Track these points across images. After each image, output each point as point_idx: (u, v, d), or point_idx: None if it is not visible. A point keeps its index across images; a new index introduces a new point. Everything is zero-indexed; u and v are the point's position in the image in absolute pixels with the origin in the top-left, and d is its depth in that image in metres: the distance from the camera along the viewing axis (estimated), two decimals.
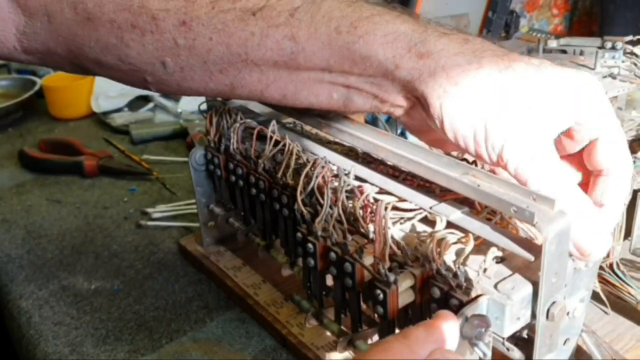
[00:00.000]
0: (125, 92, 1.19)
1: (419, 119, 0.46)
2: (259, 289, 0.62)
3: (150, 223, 0.79)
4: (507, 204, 0.39)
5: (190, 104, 1.16)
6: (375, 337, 0.49)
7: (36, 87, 1.23)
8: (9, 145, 1.09)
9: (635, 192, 0.54)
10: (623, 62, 0.83)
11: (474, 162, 0.46)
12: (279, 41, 0.44)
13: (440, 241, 0.41)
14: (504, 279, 0.40)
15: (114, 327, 0.62)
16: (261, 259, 0.65)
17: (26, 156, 1.00)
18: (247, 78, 0.47)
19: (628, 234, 0.54)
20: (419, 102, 0.44)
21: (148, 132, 1.06)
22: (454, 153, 0.50)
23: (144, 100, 1.22)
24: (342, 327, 0.52)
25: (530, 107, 0.40)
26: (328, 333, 0.55)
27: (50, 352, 0.59)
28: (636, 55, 0.83)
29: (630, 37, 0.85)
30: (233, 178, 0.61)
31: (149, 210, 0.82)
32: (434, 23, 0.45)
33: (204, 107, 0.64)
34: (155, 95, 1.21)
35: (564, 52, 0.90)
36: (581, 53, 0.88)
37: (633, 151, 0.59)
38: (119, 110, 1.18)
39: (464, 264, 0.40)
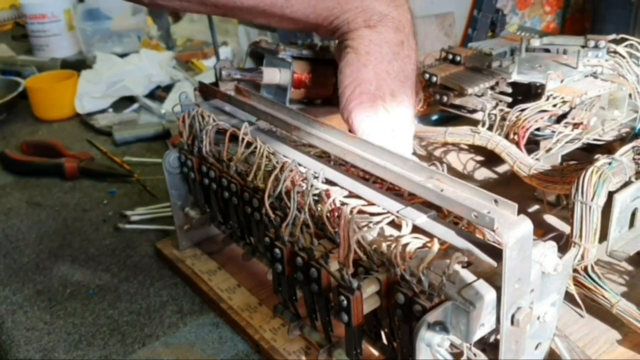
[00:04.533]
0: (110, 93, 1.18)
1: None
2: (234, 293, 0.61)
3: (128, 226, 0.78)
4: (469, 209, 0.38)
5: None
6: None
7: (20, 88, 1.22)
8: None
9: (610, 194, 0.53)
10: (607, 60, 0.82)
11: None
12: (275, 1, 0.55)
13: (405, 246, 0.40)
14: (468, 284, 0.39)
15: (87, 332, 0.61)
16: (237, 262, 0.64)
17: (7, 158, 0.98)
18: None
19: (603, 237, 0.54)
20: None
21: (130, 134, 1.05)
22: None
23: (128, 100, 1.21)
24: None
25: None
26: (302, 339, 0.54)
27: (21, 359, 0.58)
28: (620, 55, 0.82)
29: (613, 36, 0.84)
30: (206, 181, 0.60)
31: (128, 212, 0.81)
32: None
33: (177, 109, 0.64)
34: (140, 95, 1.20)
35: (547, 51, 0.89)
36: (564, 52, 0.87)
37: (614, 151, 0.58)
38: (103, 111, 1.17)
39: (428, 269, 0.40)
